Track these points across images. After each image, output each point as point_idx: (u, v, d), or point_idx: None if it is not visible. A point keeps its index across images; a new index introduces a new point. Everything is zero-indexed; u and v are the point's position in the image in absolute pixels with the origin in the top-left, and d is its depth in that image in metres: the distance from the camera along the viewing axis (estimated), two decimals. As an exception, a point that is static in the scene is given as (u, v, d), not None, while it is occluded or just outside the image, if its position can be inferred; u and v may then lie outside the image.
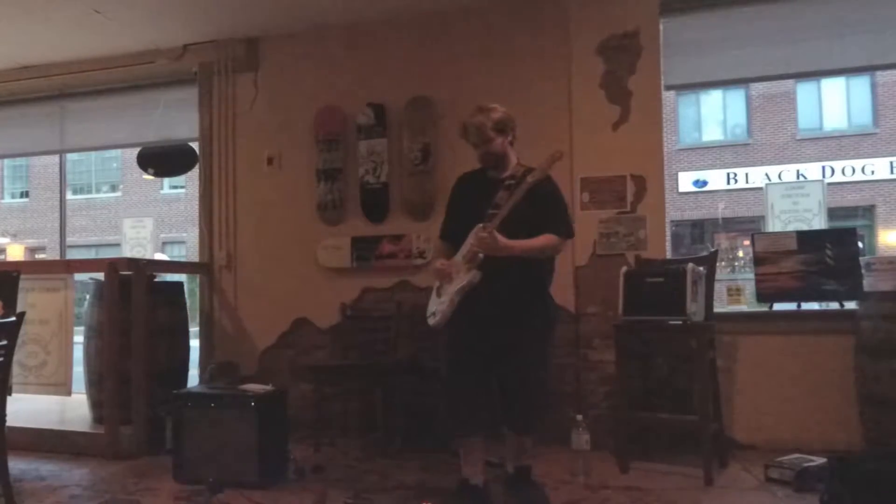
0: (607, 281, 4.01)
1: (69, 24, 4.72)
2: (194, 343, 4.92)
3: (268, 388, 3.62)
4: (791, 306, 4.11)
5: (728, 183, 15.69)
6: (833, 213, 7.25)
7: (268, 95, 4.99)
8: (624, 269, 3.75)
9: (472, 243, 2.89)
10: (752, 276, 4.33)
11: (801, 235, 4.19)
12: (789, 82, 14.74)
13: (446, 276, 2.97)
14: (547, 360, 3.11)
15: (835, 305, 4.04)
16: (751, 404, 4.00)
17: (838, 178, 14.82)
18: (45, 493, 3.35)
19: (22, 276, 4.23)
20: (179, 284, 4.88)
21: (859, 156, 15.05)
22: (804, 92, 15.52)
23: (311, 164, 4.82)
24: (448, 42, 4.59)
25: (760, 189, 11.22)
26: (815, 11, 4.16)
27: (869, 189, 15.11)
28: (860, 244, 6.75)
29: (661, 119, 4.27)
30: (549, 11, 4.39)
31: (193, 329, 4.96)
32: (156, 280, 4.46)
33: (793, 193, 5.47)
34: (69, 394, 4.37)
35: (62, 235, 7.14)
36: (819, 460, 3.21)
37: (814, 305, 4.23)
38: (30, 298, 4.31)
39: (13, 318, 3.01)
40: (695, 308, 3.44)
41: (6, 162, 19.74)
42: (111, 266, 4.13)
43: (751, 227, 13.29)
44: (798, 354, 3.95)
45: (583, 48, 4.31)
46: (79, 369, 4.43)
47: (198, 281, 5.23)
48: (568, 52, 4.35)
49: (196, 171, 5.32)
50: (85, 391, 4.49)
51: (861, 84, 15.21)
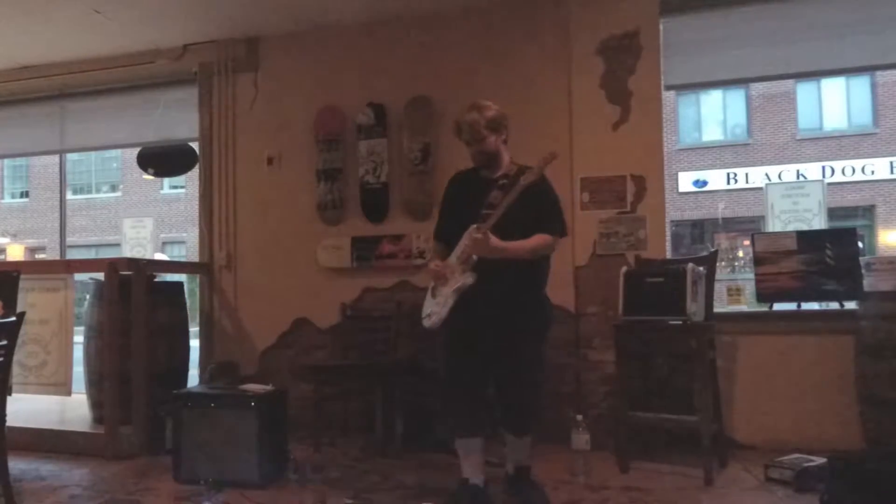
0: (607, 281, 4.02)
1: (69, 24, 4.72)
2: (194, 343, 4.92)
3: (268, 388, 3.62)
4: (791, 306, 4.11)
5: (728, 183, 15.68)
6: (833, 213, 7.25)
7: (268, 95, 4.99)
8: (624, 269, 3.75)
9: (466, 244, 2.87)
10: (752, 276, 4.32)
11: (801, 235, 4.19)
12: (789, 82, 14.73)
13: (441, 277, 2.95)
14: (542, 361, 3.08)
15: (835, 305, 4.04)
16: (751, 404, 4.00)
17: (838, 178, 14.81)
18: (44, 493, 3.35)
19: (22, 276, 4.22)
20: (179, 284, 4.88)
21: (859, 156, 15.04)
22: (804, 92, 15.51)
23: (311, 164, 4.82)
24: (448, 42, 4.59)
25: (760, 189, 11.22)
26: (815, 11, 4.16)
27: (869, 189, 15.09)
28: (860, 244, 6.75)
29: (661, 119, 4.28)
30: (549, 11, 4.39)
31: (193, 329, 4.96)
32: (156, 280, 4.46)
33: (793, 193, 5.48)
34: (69, 394, 4.37)
35: (62, 235, 7.13)
36: (819, 460, 3.20)
37: (814, 305, 4.23)
38: (30, 298, 4.31)
39: (13, 318, 3.01)
40: (695, 308, 3.44)
41: (6, 162, 19.74)
42: (111, 266, 4.13)
43: (751, 227, 13.28)
44: (798, 354, 3.95)
45: (583, 48, 4.31)
46: (79, 369, 4.43)
47: (198, 281, 5.24)
48: (568, 52, 4.35)
49: (196, 171, 5.32)
50: (85, 391, 4.49)
51: (861, 84, 15.20)
